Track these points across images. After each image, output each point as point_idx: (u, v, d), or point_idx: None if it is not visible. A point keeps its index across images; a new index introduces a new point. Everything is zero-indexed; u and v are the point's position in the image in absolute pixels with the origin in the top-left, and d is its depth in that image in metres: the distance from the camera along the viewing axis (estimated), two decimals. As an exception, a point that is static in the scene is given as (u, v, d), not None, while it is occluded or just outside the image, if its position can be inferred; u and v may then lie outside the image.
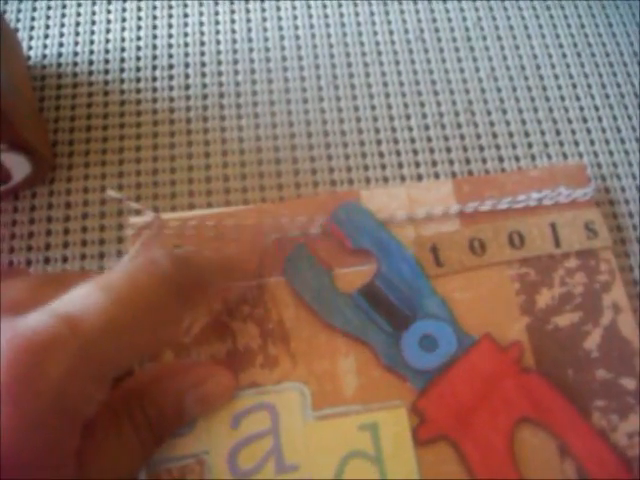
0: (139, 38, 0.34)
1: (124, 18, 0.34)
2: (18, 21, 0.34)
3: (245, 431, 0.24)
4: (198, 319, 0.26)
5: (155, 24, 0.34)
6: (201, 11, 0.34)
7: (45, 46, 0.33)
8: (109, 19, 0.34)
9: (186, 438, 0.24)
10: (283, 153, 0.31)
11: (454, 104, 0.32)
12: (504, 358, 0.25)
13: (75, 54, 0.33)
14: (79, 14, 0.34)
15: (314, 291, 0.26)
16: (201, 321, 0.26)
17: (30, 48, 0.33)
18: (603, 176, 0.31)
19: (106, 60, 0.33)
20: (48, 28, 0.34)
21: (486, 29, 0.34)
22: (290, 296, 0.26)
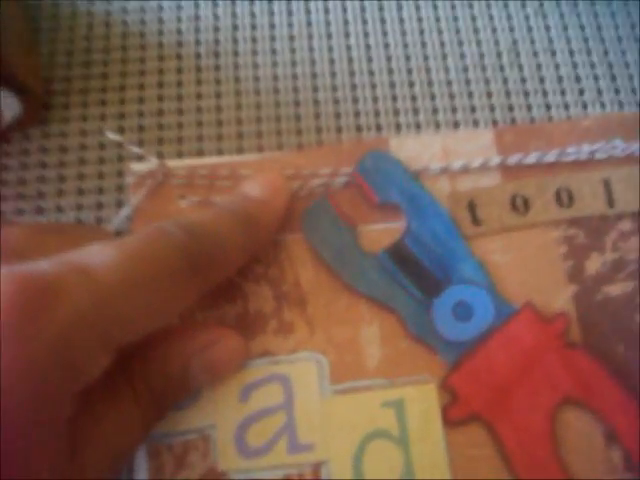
0: (145, -38, 0.31)
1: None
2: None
3: (255, 405, 0.23)
4: None
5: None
6: None
7: (41, -30, 0.31)
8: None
9: (190, 411, 0.23)
10: (303, 94, 0.29)
11: (496, 43, 0.30)
12: (547, 330, 0.24)
13: (74, -20, 0.31)
14: None
15: (335, 250, 0.25)
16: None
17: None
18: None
19: (108, -13, 0.31)
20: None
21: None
22: (308, 255, 0.25)
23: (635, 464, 0.23)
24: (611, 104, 0.29)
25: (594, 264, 0.25)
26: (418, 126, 0.29)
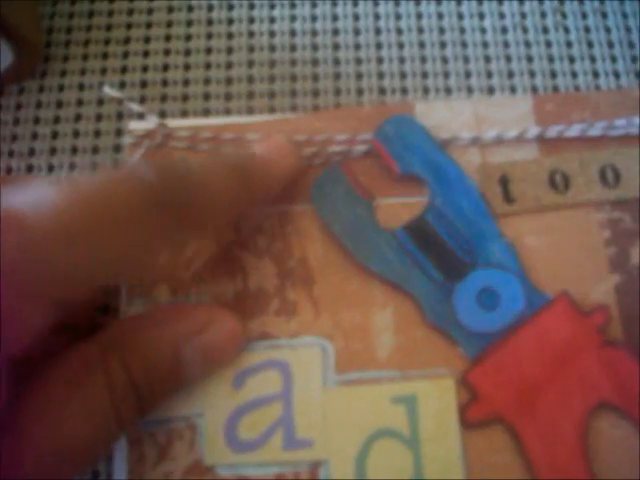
0: None
1: None
2: None
3: (250, 393, 0.22)
4: (202, 251, 0.23)
5: None
6: None
7: None
8: None
9: (175, 395, 0.21)
10: (323, 52, 0.28)
11: (540, 2, 0.29)
12: (584, 325, 0.23)
13: None
14: None
15: (348, 225, 0.24)
16: (205, 253, 0.23)
17: None
18: None
19: None
20: None
21: None
22: (318, 229, 0.24)
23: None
24: (668, 73, 0.28)
25: (640, 252, 0.24)
26: (448, 91, 0.27)
